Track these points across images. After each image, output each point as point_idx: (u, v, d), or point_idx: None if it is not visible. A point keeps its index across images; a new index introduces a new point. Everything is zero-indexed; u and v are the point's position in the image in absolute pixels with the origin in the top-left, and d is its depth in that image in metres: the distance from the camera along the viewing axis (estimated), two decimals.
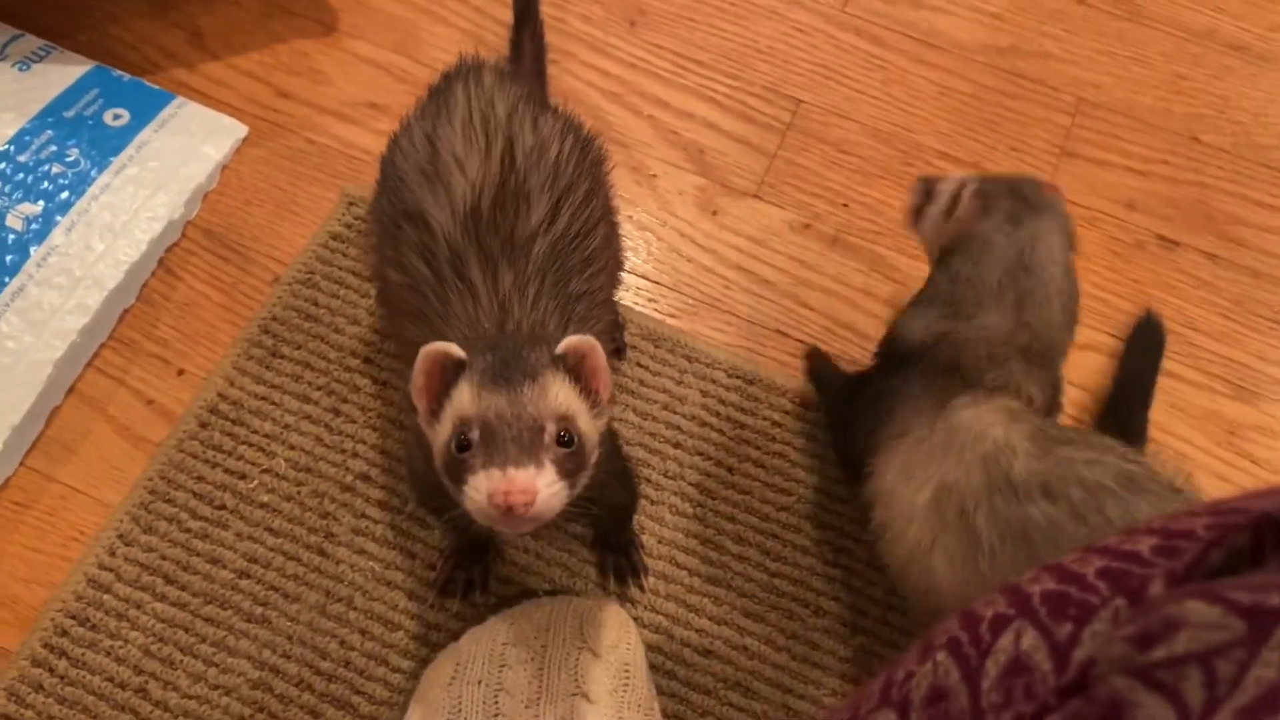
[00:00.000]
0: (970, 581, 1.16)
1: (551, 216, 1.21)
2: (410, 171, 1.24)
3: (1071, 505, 1.12)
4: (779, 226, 1.75)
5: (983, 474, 1.18)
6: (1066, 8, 2.00)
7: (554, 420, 1.01)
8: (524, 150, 1.23)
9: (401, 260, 1.23)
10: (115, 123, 1.71)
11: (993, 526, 1.15)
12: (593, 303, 1.27)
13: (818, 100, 1.87)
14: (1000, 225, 1.32)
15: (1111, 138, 1.87)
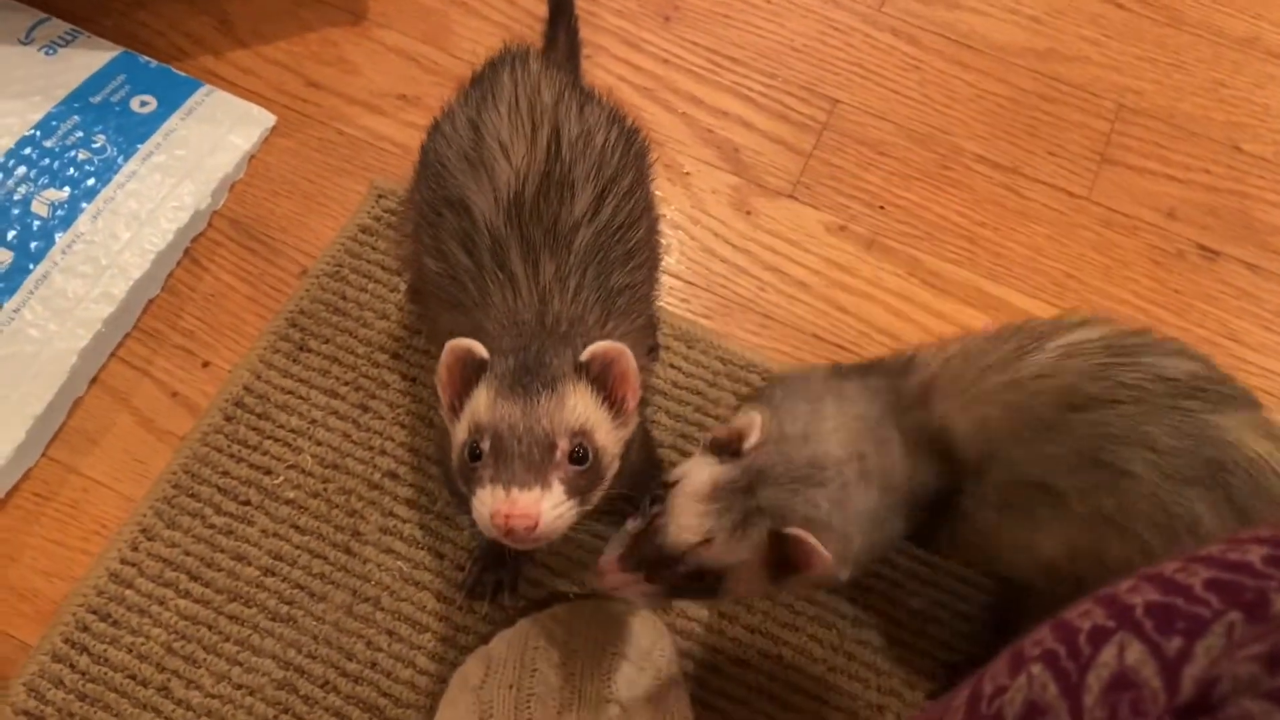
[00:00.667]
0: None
1: (596, 207, 1.19)
2: (453, 157, 1.21)
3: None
4: (814, 228, 1.72)
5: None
6: (1106, 12, 1.97)
7: (568, 436, 1.00)
8: (569, 138, 1.20)
9: (441, 248, 1.20)
10: (142, 110, 1.68)
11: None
12: (634, 297, 1.24)
13: (854, 100, 1.84)
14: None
15: (1152, 145, 1.84)
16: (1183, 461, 1.07)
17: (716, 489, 1.05)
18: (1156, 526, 1.08)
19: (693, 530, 1.04)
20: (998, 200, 1.77)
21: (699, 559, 1.04)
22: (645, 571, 1.05)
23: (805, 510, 1.05)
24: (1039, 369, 1.13)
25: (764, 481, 1.05)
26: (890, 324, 1.65)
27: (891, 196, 1.76)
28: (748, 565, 1.04)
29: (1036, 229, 1.74)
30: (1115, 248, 1.74)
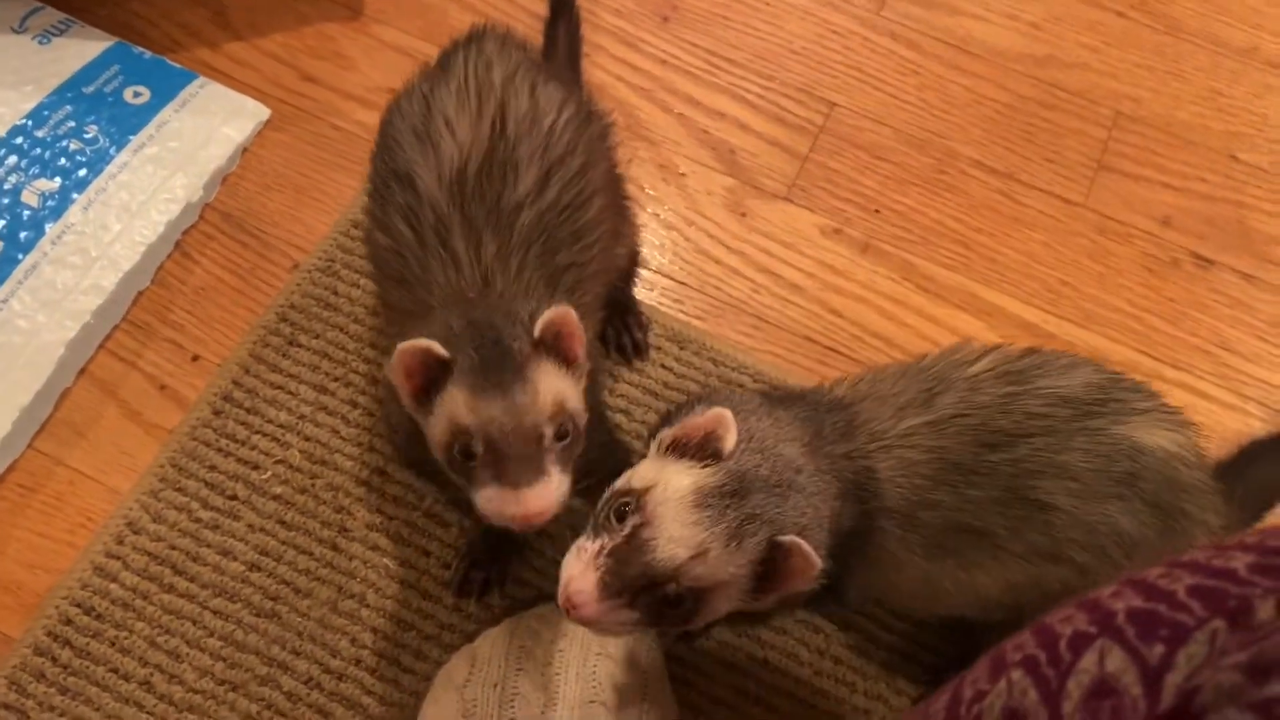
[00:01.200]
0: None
1: (540, 187, 1.19)
2: (404, 131, 1.21)
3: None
4: (809, 230, 1.71)
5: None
6: (1105, 19, 1.96)
7: (551, 422, 1.02)
8: (516, 117, 1.20)
9: (388, 223, 1.20)
10: (135, 101, 1.67)
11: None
12: (582, 274, 1.24)
13: (851, 104, 1.84)
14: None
15: (1148, 153, 1.83)
16: (1100, 480, 1.08)
17: (703, 495, 0.97)
18: (1087, 548, 1.10)
19: (685, 543, 0.94)
20: (993, 206, 1.76)
21: (691, 577, 0.95)
22: (629, 597, 0.95)
23: (795, 517, 1.01)
24: (953, 408, 1.13)
25: (752, 486, 0.99)
26: (883, 328, 1.64)
27: (887, 200, 1.75)
28: (736, 582, 0.97)
29: (1032, 235, 1.74)
30: (1110, 255, 1.73)
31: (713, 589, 0.96)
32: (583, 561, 0.96)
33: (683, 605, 0.96)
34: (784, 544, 0.95)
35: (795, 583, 0.97)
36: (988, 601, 1.18)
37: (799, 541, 0.95)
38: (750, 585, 0.98)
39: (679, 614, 0.98)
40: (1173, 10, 1.99)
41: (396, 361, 1.02)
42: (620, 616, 0.95)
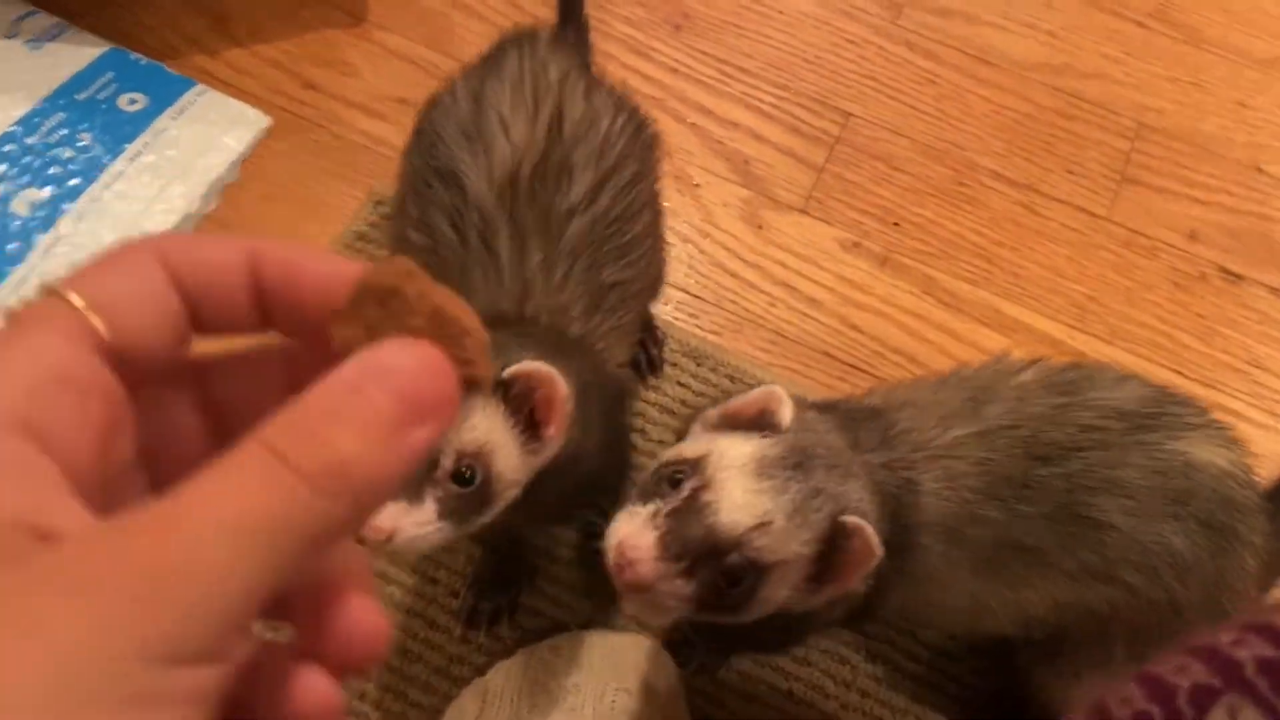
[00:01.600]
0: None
1: (593, 194, 1.13)
2: (449, 128, 1.14)
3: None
4: (827, 243, 1.66)
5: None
6: (1124, 29, 1.92)
7: (454, 455, 0.88)
8: (573, 119, 1.14)
9: (427, 221, 1.13)
10: (131, 108, 1.61)
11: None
12: (625, 294, 1.17)
13: (867, 114, 1.79)
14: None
15: (1173, 165, 1.79)
16: (1154, 498, 1.04)
17: (765, 465, 0.90)
18: (1140, 569, 1.05)
19: (749, 510, 0.87)
20: (1015, 219, 1.71)
21: (753, 548, 0.87)
22: (688, 562, 0.85)
23: (858, 499, 0.94)
24: (1002, 418, 1.07)
25: (814, 462, 0.92)
26: (904, 343, 1.59)
27: (906, 213, 1.70)
28: (796, 562, 0.90)
29: (1055, 249, 1.69)
30: (1136, 270, 1.68)
31: (773, 568, 0.89)
32: (638, 520, 0.87)
33: (741, 584, 0.88)
34: (848, 524, 0.89)
35: (856, 571, 0.91)
36: (1031, 620, 1.13)
37: (862, 523, 0.89)
38: (810, 571, 0.92)
39: (735, 596, 0.89)
40: (1192, 20, 1.95)
41: None
42: (675, 587, 0.86)
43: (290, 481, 0.34)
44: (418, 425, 0.37)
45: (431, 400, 0.38)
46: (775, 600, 0.93)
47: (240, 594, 0.32)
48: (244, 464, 0.34)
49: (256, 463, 0.34)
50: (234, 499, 0.33)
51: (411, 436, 0.37)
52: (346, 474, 0.35)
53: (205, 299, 0.41)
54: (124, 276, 0.39)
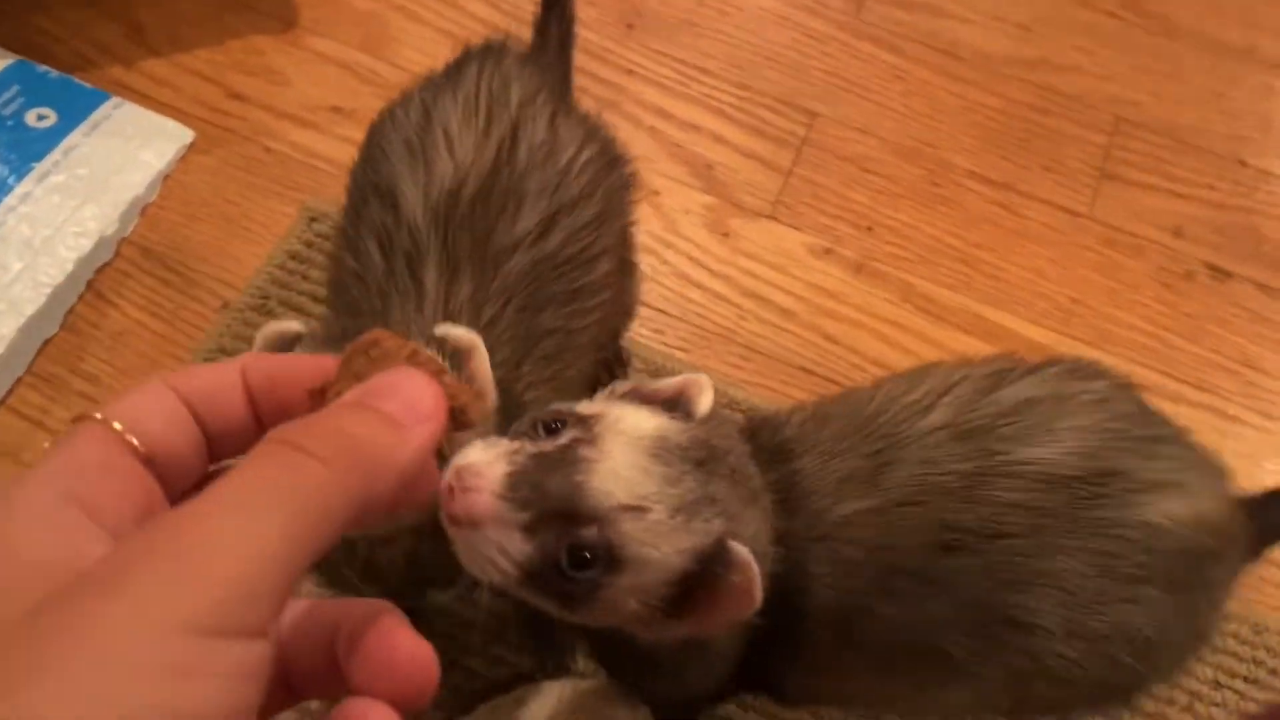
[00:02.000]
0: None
1: (543, 230, 1.01)
2: (395, 141, 1.04)
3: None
4: (798, 251, 1.56)
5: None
6: (1097, 20, 1.84)
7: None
8: (530, 144, 1.03)
9: (358, 243, 1.02)
10: (39, 124, 1.48)
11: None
12: (566, 345, 1.05)
13: (834, 113, 1.69)
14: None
15: (1153, 159, 1.71)
16: (1105, 585, 0.85)
17: (663, 447, 0.74)
18: (1088, 662, 0.87)
19: (628, 486, 0.71)
20: (993, 219, 1.62)
21: (618, 532, 0.71)
22: (533, 517, 0.69)
23: (753, 532, 0.78)
24: (904, 491, 0.87)
25: (720, 469, 0.76)
26: (883, 354, 1.49)
27: (879, 216, 1.61)
28: (659, 571, 0.73)
29: (1036, 250, 1.60)
30: (1121, 269, 1.60)
31: (632, 567, 0.72)
32: (492, 450, 0.71)
33: (587, 570, 0.71)
34: (733, 551, 0.72)
35: (725, 611, 0.74)
36: (969, 710, 1.00)
37: (750, 559, 0.72)
38: (671, 594, 0.74)
39: (575, 584, 0.72)
40: (1165, 9, 1.87)
41: (255, 348, 0.84)
42: (509, 539, 0.69)
43: (307, 461, 0.38)
44: (418, 424, 0.43)
45: (428, 405, 0.44)
46: (619, 610, 0.75)
47: (270, 566, 0.35)
48: (262, 454, 0.39)
49: (274, 451, 0.38)
50: (255, 480, 0.37)
51: (414, 432, 0.43)
52: (358, 451, 0.40)
53: (212, 413, 0.46)
54: (146, 402, 0.45)
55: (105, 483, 0.41)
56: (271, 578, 0.35)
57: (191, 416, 0.46)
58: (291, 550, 0.36)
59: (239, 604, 0.34)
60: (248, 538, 0.35)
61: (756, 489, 0.80)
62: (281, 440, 0.38)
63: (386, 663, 0.42)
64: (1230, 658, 1.32)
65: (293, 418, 0.43)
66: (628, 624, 0.76)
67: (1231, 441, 1.48)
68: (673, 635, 0.78)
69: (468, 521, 0.68)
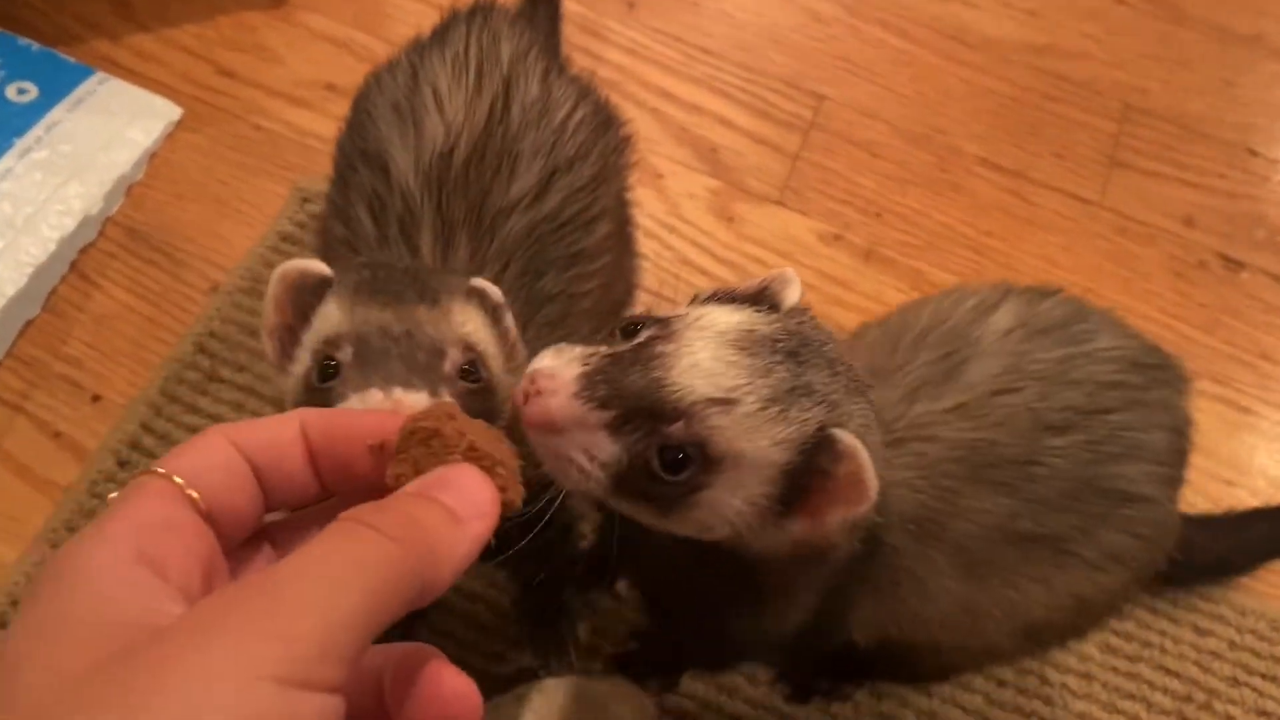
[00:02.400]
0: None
1: (540, 190, 0.98)
2: (382, 104, 1.00)
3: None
4: (806, 237, 1.52)
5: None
6: (1104, 6, 1.81)
7: (459, 346, 0.76)
8: (523, 102, 0.99)
9: (349, 210, 0.98)
10: (20, 99, 1.43)
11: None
12: (570, 309, 1.01)
13: (842, 97, 1.65)
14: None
15: (1163, 147, 1.68)
16: (1175, 462, 0.93)
17: (751, 339, 0.69)
18: (1154, 544, 0.94)
19: (712, 378, 0.66)
20: (1003, 206, 1.59)
21: (707, 428, 0.66)
22: (616, 415, 0.66)
23: (860, 420, 0.73)
24: (994, 381, 0.88)
25: (815, 360, 0.70)
26: None
27: (888, 202, 1.57)
28: (760, 466, 0.68)
29: (1048, 238, 1.57)
30: (1133, 258, 1.57)
31: (729, 463, 0.67)
32: (564, 354, 0.68)
33: (682, 472, 0.67)
34: (839, 441, 0.67)
35: (838, 507, 0.69)
36: (1031, 628, 0.99)
37: (858, 445, 0.67)
38: (776, 492, 0.69)
39: (670, 488, 0.67)
40: None
41: (269, 294, 0.80)
42: (594, 440, 0.66)
43: (381, 540, 0.42)
44: (476, 520, 0.47)
45: (485, 503, 0.48)
46: (724, 514, 0.70)
47: (347, 630, 0.39)
48: (340, 531, 0.43)
49: (352, 530, 0.42)
50: (335, 554, 0.41)
51: (472, 527, 0.47)
52: (426, 538, 0.44)
53: (270, 466, 0.49)
54: (206, 457, 0.48)
55: (171, 541, 0.44)
56: (347, 641, 0.39)
57: (250, 470, 0.48)
58: (365, 619, 0.40)
59: (319, 662, 0.38)
60: (329, 604, 0.39)
61: (860, 379, 0.75)
62: (359, 520, 0.42)
63: (435, 698, 0.46)
64: (1249, 654, 1.29)
65: (353, 472, 0.50)
66: (737, 529, 0.71)
67: (1246, 434, 1.46)
68: (787, 540, 0.73)
69: (546, 426, 0.65)
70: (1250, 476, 1.43)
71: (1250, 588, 1.33)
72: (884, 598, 0.93)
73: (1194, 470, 1.38)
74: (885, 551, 0.87)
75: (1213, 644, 1.29)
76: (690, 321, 0.70)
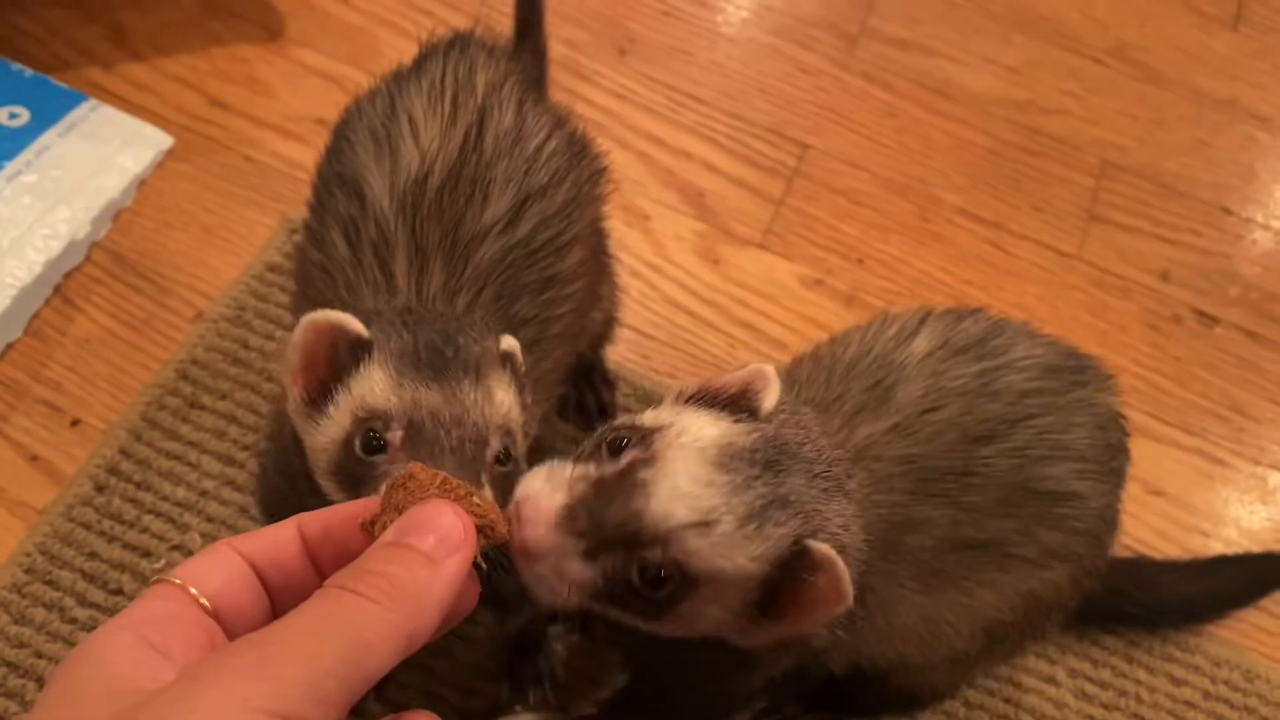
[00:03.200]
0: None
1: (512, 216, 0.99)
2: (360, 131, 1.01)
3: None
4: (789, 281, 1.54)
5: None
6: (1084, 66, 1.86)
7: (499, 434, 0.79)
8: (496, 132, 1.00)
9: (324, 234, 0.99)
10: (11, 123, 1.43)
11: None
12: (544, 333, 1.02)
13: (826, 146, 1.68)
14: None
15: (1139, 203, 1.71)
16: (1100, 457, 0.96)
17: (730, 454, 0.71)
18: (1092, 536, 0.97)
19: (691, 502, 0.69)
20: (983, 257, 1.61)
21: (684, 551, 0.69)
22: (594, 544, 0.68)
23: (837, 526, 0.75)
24: (921, 403, 0.92)
25: (793, 466, 0.73)
26: None
27: (870, 250, 1.59)
28: (738, 581, 0.71)
29: (1026, 288, 1.59)
30: (1110, 310, 1.59)
31: (707, 581, 0.70)
32: (553, 480, 0.70)
33: (661, 589, 0.70)
34: (814, 553, 0.69)
35: (814, 613, 0.72)
36: (990, 625, 1.01)
37: (832, 555, 0.69)
38: (755, 599, 0.72)
39: (655, 601, 0.71)
40: (1150, 59, 1.89)
41: (296, 339, 0.79)
42: (573, 569, 0.68)
43: (359, 601, 0.48)
44: (449, 557, 0.52)
45: (457, 537, 0.53)
46: (705, 621, 0.73)
47: (330, 678, 0.45)
48: (322, 595, 0.49)
49: (332, 594, 0.49)
50: (318, 614, 0.48)
51: (446, 565, 0.52)
52: (400, 590, 0.49)
53: (273, 566, 0.55)
54: (212, 563, 0.54)
55: (173, 629, 0.50)
56: (333, 686, 0.45)
57: (253, 572, 0.54)
58: (350, 668, 0.46)
59: (306, 702, 0.44)
60: (315, 653, 0.45)
61: (839, 476, 0.78)
62: (340, 586, 0.49)
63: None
64: (1223, 705, 1.29)
65: (350, 554, 0.53)
66: (719, 632, 0.74)
67: (1220, 486, 1.47)
68: (767, 639, 0.76)
69: (525, 555, 0.68)
70: (1224, 527, 1.45)
71: (1225, 639, 1.34)
72: (853, 618, 0.94)
73: (1168, 521, 1.43)
74: (854, 568, 0.88)
75: (1188, 693, 1.29)
76: (671, 439, 0.72)
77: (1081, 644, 1.31)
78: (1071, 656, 1.30)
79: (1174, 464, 1.48)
